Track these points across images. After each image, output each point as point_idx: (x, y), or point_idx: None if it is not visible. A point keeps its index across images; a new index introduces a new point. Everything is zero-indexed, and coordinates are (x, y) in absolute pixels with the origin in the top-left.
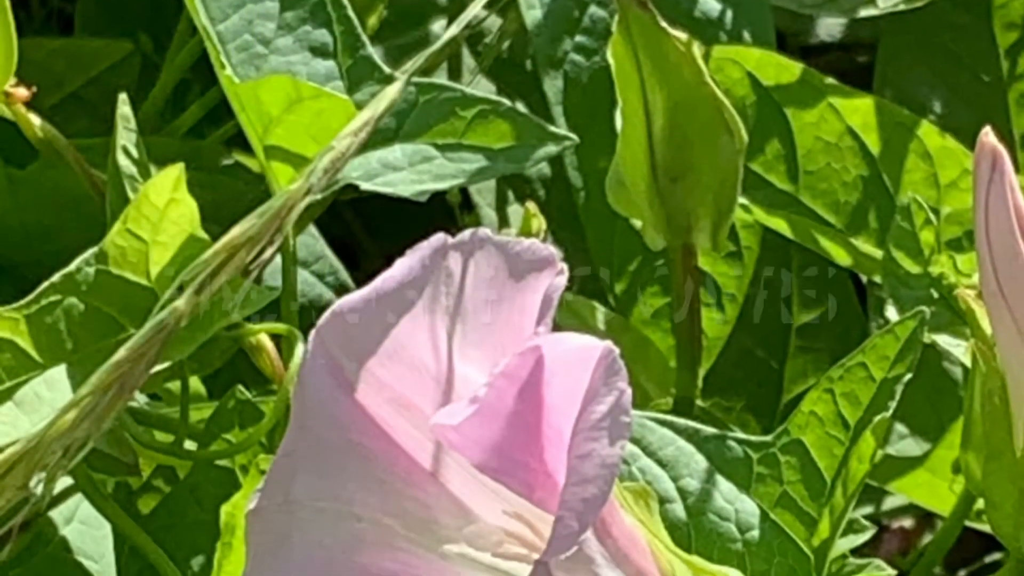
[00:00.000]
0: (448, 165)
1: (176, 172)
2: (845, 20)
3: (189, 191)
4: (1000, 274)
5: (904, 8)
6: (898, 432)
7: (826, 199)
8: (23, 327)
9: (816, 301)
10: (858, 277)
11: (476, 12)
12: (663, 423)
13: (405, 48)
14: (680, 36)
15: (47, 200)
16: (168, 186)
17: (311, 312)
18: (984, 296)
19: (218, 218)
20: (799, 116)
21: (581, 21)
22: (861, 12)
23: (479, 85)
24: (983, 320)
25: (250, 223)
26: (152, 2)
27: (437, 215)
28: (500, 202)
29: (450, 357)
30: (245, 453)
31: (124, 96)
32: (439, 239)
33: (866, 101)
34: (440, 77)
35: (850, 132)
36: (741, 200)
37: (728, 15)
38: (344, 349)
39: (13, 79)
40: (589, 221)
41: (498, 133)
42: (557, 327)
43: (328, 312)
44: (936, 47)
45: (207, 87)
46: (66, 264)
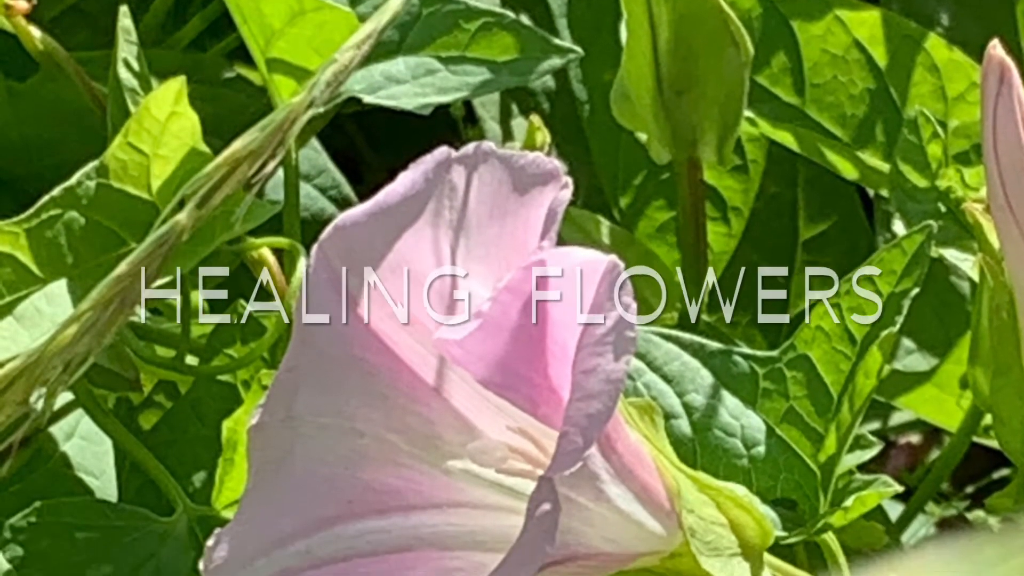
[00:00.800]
0: (451, 78)
1: (177, 85)
2: None
3: (190, 104)
4: (1008, 188)
5: None
6: (905, 347)
7: (833, 112)
8: (23, 241)
9: (822, 215)
10: (865, 191)
11: None
12: (668, 338)
13: None
14: None
15: (47, 113)
16: (169, 99)
17: (314, 226)
18: (992, 210)
19: (220, 132)
20: (805, 28)
21: None
22: None
23: None
24: (991, 234)
25: (252, 137)
26: None
27: (440, 128)
28: (504, 115)
29: (453, 271)
30: (247, 368)
31: (125, 8)
32: (442, 153)
33: (873, 14)
34: None
35: (857, 45)
36: (747, 113)
37: None
38: (347, 263)
39: None
40: (593, 135)
41: (502, 46)
42: (562, 241)
43: (331, 226)
44: None
45: None
46: (66, 178)
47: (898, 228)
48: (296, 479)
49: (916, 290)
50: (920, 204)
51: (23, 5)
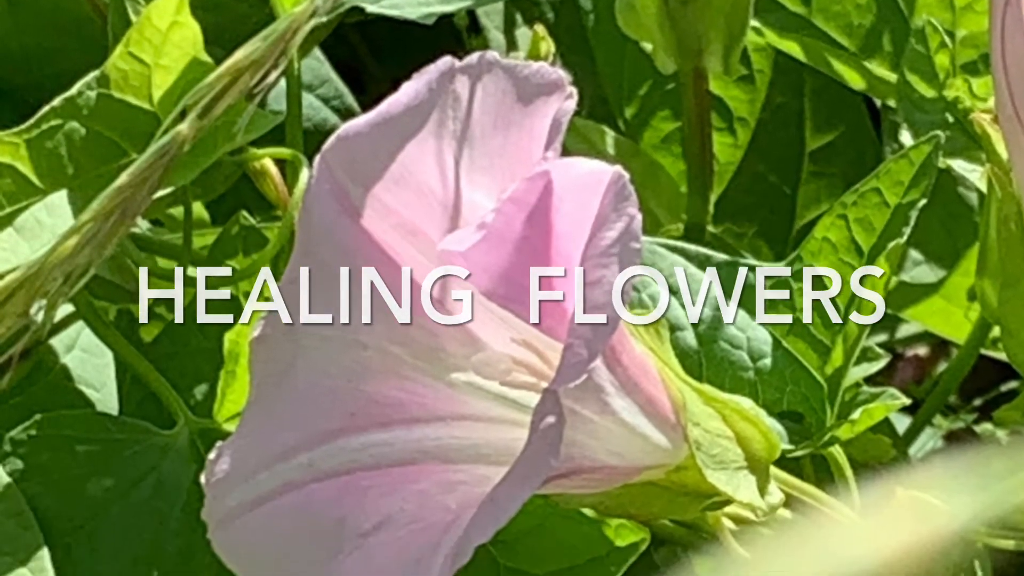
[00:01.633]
0: None
1: None
2: None
3: (192, 13)
4: (1016, 98)
5: None
6: (912, 258)
7: (839, 21)
8: (23, 152)
9: (829, 125)
10: (872, 101)
11: None
12: (674, 249)
13: None
14: None
15: (48, 22)
16: (171, 8)
17: (316, 137)
18: (1000, 120)
19: (221, 41)
20: None
21: None
22: None
23: None
24: (999, 144)
25: (254, 46)
26: None
27: (444, 38)
28: (508, 25)
29: (457, 182)
30: (249, 280)
31: None
32: (446, 62)
33: None
34: None
35: None
36: (753, 23)
37: None
38: (350, 174)
39: None
40: (598, 44)
41: None
42: (566, 152)
43: (333, 136)
44: None
45: None
46: (67, 88)
47: (905, 138)
48: (298, 392)
49: (923, 201)
50: (927, 114)
51: None
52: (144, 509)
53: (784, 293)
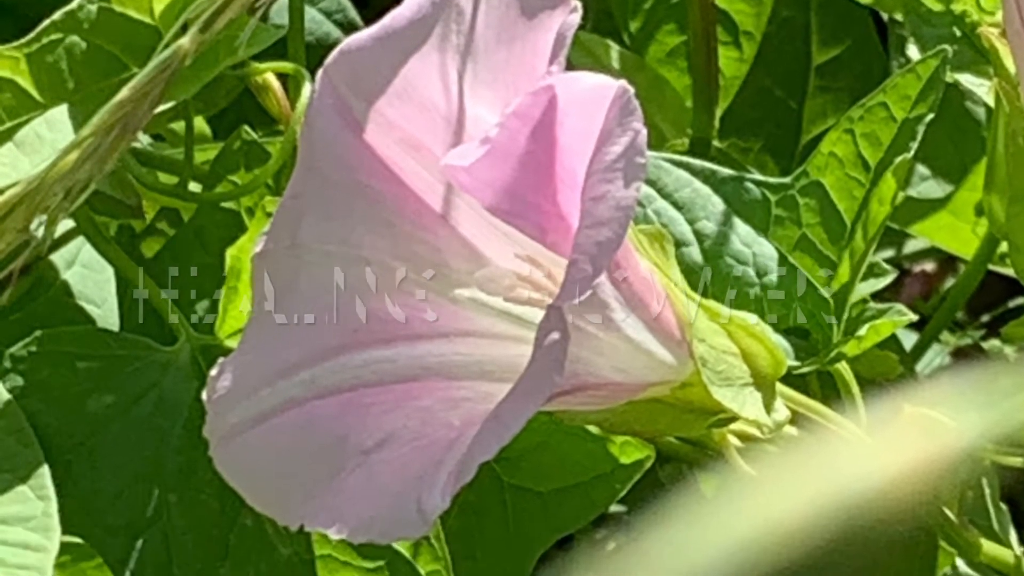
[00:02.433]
0: None
1: None
2: None
3: None
4: None
5: None
6: (920, 173)
7: None
8: (23, 66)
9: (836, 40)
10: (879, 15)
11: None
12: (679, 164)
13: None
14: None
15: None
16: None
17: (318, 51)
18: (1008, 34)
19: None
20: None
21: None
22: None
23: None
24: (1007, 59)
25: None
26: None
27: None
28: None
29: (461, 97)
30: (251, 195)
31: None
32: None
33: None
34: None
35: None
36: None
37: None
38: (352, 88)
39: None
40: None
41: None
42: (570, 66)
43: (336, 51)
44: None
45: None
46: (67, 1)
47: (912, 53)
48: (301, 308)
49: (931, 116)
50: (935, 28)
51: None
52: (145, 426)
53: (790, 208)
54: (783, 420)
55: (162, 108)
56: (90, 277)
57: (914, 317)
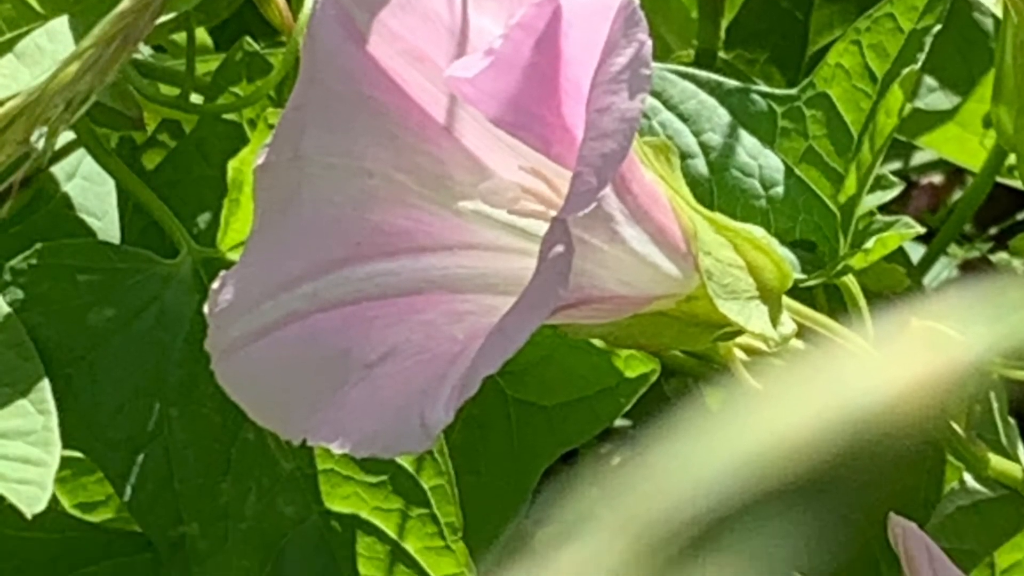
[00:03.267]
0: None
1: None
2: None
3: None
4: None
5: None
6: (927, 85)
7: None
8: None
9: None
10: None
11: None
12: (684, 76)
13: None
14: None
15: None
16: None
17: None
18: None
19: None
20: None
21: None
22: None
23: None
24: None
25: None
26: None
27: None
28: None
29: (464, 8)
30: (253, 107)
31: None
32: None
33: None
34: None
35: None
36: None
37: None
38: None
39: None
40: None
41: None
42: None
43: None
44: None
45: None
46: None
47: None
48: (303, 220)
49: (938, 26)
50: None
51: None
52: (146, 339)
53: (797, 120)
54: (789, 333)
55: (163, 19)
56: (91, 189)
57: (921, 230)
